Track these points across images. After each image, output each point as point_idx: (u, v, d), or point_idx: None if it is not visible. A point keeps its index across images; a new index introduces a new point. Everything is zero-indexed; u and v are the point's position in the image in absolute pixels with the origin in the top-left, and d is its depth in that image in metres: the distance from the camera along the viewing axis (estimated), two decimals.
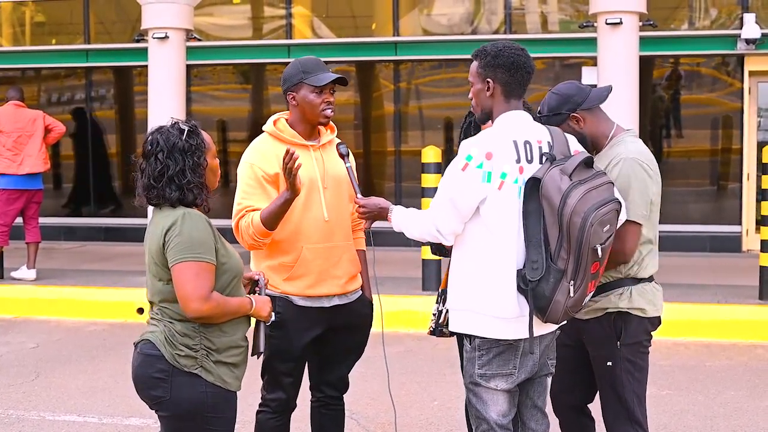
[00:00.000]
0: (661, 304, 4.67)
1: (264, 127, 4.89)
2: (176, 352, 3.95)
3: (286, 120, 4.90)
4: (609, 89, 4.72)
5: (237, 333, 4.10)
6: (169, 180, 3.98)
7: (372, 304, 5.08)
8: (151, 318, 4.08)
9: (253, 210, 4.67)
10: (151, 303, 4.11)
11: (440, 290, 5.11)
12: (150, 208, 4.11)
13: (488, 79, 4.19)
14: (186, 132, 4.03)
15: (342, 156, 4.83)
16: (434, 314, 5.16)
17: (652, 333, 4.68)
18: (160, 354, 3.96)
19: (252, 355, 4.25)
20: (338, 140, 4.96)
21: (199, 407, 3.97)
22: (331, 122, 4.93)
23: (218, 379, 4.00)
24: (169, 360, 3.95)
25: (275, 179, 4.71)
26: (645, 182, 4.46)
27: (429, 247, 5.23)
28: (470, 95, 4.31)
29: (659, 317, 4.67)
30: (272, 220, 4.58)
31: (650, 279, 4.62)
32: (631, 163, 4.46)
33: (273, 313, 4.46)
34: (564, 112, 4.59)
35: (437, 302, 5.16)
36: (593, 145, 4.62)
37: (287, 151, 4.42)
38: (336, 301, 4.88)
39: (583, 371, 4.77)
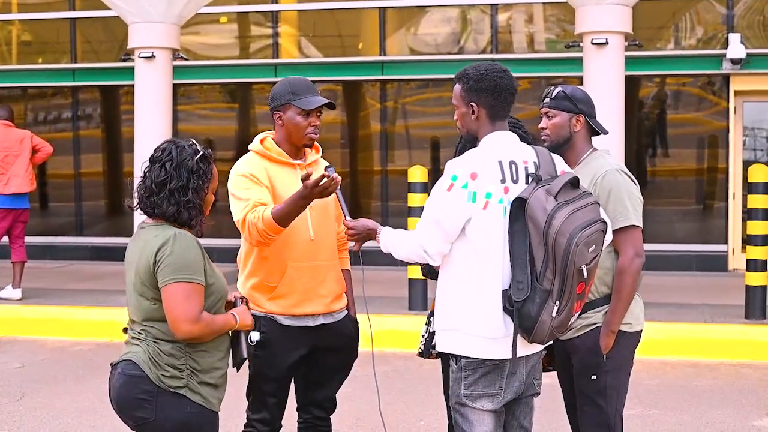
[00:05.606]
0: (642, 318, 4.71)
1: (250, 147, 4.88)
2: (161, 373, 3.93)
3: (273, 139, 4.89)
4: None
5: (218, 353, 4.09)
6: (170, 193, 3.96)
7: (357, 324, 5.07)
8: (132, 338, 4.04)
9: (261, 204, 4.60)
10: (132, 322, 4.07)
11: (429, 312, 5.11)
12: (135, 225, 4.09)
13: (472, 103, 4.20)
14: (201, 155, 4.03)
15: None
16: (423, 335, 5.16)
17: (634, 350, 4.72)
18: (143, 374, 3.93)
19: (234, 365, 4.23)
20: (326, 163, 4.96)
21: (183, 428, 3.95)
22: (315, 142, 4.93)
23: (202, 399, 3.99)
24: (154, 380, 3.92)
25: (267, 188, 4.71)
26: (633, 190, 4.59)
27: (419, 267, 5.22)
28: (455, 117, 4.32)
29: (641, 332, 4.70)
30: (285, 217, 4.47)
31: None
32: (616, 174, 4.58)
33: (258, 333, 4.44)
34: (575, 106, 4.67)
35: (427, 324, 5.15)
36: (568, 154, 4.70)
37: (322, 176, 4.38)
38: (321, 321, 4.87)
39: None
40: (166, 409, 3.93)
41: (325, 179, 4.34)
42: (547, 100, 4.75)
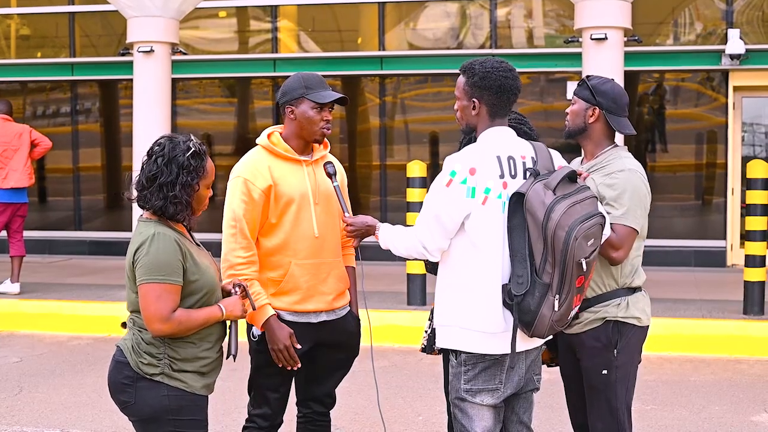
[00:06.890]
0: (650, 313, 4.71)
1: (258, 140, 4.87)
2: (140, 360, 4.04)
3: (280, 134, 4.87)
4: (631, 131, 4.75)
5: (205, 344, 4.12)
6: (159, 187, 4.02)
7: (359, 321, 5.06)
8: (129, 326, 4.17)
9: (249, 260, 4.66)
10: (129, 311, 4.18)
11: (432, 308, 5.10)
12: (134, 220, 4.11)
13: (474, 99, 4.20)
14: (192, 152, 4.05)
15: (329, 175, 4.83)
16: (426, 331, 5.15)
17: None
18: (126, 361, 4.07)
19: (227, 358, 4.26)
20: (330, 156, 4.96)
21: (161, 412, 4.05)
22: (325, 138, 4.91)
23: (183, 384, 4.07)
24: (133, 367, 4.05)
25: (267, 192, 4.70)
26: (644, 194, 4.56)
27: (417, 262, 5.21)
28: (456, 107, 4.31)
29: (648, 327, 4.70)
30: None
31: (640, 288, 4.66)
32: (632, 174, 4.54)
33: (260, 329, 4.44)
34: (594, 97, 4.63)
35: (429, 319, 5.14)
36: (585, 144, 4.70)
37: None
38: (324, 317, 4.86)
39: None
40: (144, 393, 4.05)
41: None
42: (575, 86, 4.75)
